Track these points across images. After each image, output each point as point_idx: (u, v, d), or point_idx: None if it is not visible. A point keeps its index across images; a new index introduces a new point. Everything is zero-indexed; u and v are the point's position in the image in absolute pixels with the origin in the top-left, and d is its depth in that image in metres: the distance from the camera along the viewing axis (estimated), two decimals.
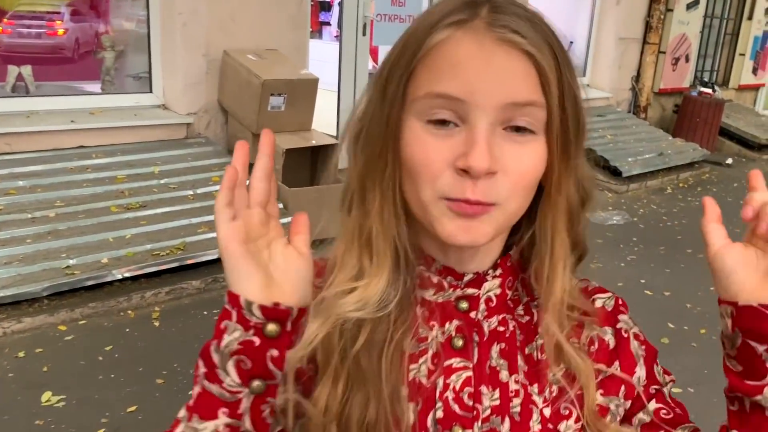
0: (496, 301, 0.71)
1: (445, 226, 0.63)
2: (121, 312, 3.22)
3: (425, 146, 0.62)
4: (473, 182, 0.61)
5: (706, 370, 3.16)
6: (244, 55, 4.34)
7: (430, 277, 0.70)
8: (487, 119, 0.61)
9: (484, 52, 0.61)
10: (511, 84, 0.61)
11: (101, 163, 3.93)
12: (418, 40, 0.63)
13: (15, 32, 4.76)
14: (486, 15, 0.62)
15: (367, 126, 0.67)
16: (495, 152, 0.61)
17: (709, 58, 9.18)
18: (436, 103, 0.62)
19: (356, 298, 0.65)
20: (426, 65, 0.62)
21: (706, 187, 6.71)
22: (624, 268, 4.37)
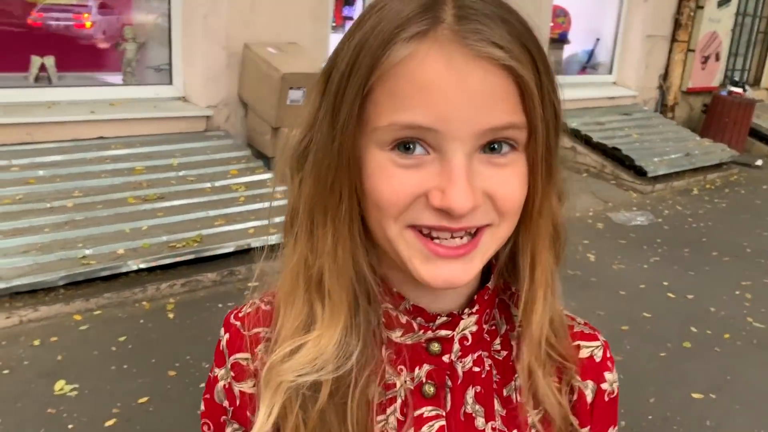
0: (472, 339, 0.63)
1: (417, 269, 0.56)
2: (136, 303, 3.22)
3: (390, 180, 0.54)
4: (455, 221, 0.54)
5: (729, 376, 3.08)
6: (264, 48, 4.33)
7: (397, 316, 0.62)
8: (463, 149, 0.53)
9: (455, 70, 0.51)
10: (489, 107, 0.52)
11: (120, 154, 3.94)
12: (374, 54, 0.53)
13: (44, 24, 4.81)
14: (450, 19, 0.52)
15: (315, 149, 0.57)
16: (476, 182, 0.53)
17: (740, 57, 8.97)
18: (402, 134, 0.53)
19: (309, 358, 0.58)
20: (386, 88, 0.53)
21: (734, 189, 6.56)
22: (646, 270, 4.28)
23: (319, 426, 0.59)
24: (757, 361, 3.25)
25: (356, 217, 0.57)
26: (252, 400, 0.63)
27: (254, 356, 0.63)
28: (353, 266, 0.59)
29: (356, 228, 0.58)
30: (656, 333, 3.42)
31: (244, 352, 0.64)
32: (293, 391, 0.59)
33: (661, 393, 2.89)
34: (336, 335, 0.58)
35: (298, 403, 0.59)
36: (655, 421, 2.70)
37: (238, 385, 0.64)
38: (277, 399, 0.59)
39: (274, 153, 4.37)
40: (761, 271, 4.40)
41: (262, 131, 4.42)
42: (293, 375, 0.58)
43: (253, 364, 0.63)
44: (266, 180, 4.13)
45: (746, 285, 4.13)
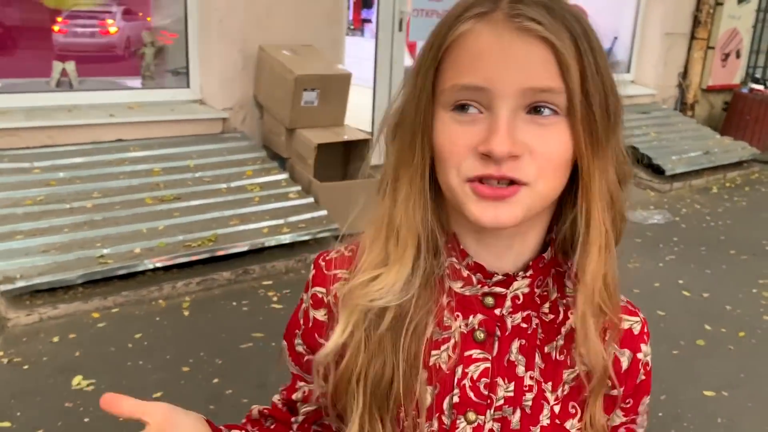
0: (523, 299, 0.73)
1: (471, 209, 0.66)
2: (152, 301, 3.29)
3: (451, 134, 0.66)
4: (497, 166, 0.63)
5: (743, 374, 3.05)
6: (278, 50, 4.39)
7: (461, 270, 0.73)
8: (508, 106, 0.63)
9: (503, 42, 0.63)
10: (529, 70, 0.63)
11: (138, 156, 4.02)
12: (443, 33, 0.66)
13: (70, 32, 4.93)
14: (505, 6, 0.64)
15: (401, 119, 0.71)
16: (518, 136, 0.63)
17: (762, 54, 8.83)
18: (461, 95, 0.65)
19: (379, 286, 0.70)
20: (450, 58, 0.66)
21: (755, 187, 6.47)
22: (662, 268, 4.25)
23: (377, 348, 0.71)
24: None
25: (426, 174, 0.70)
26: (321, 326, 0.78)
27: (329, 292, 0.77)
28: (422, 219, 0.71)
29: (426, 184, 0.70)
30: (670, 331, 3.40)
31: (322, 287, 0.78)
32: (363, 314, 0.71)
33: (673, 390, 2.88)
34: (403, 272, 0.70)
35: (365, 325, 0.71)
36: (666, 418, 2.69)
37: (313, 311, 0.78)
38: (352, 318, 0.71)
39: (289, 154, 4.43)
40: None
41: (277, 132, 4.47)
42: (366, 299, 0.71)
43: (326, 297, 0.77)
44: (281, 180, 4.19)
45: (764, 283, 4.09)
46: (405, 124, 0.70)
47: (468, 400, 0.72)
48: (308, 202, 4.03)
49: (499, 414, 0.73)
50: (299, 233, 3.76)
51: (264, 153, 4.42)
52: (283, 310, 3.30)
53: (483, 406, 0.72)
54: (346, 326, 0.71)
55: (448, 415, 0.72)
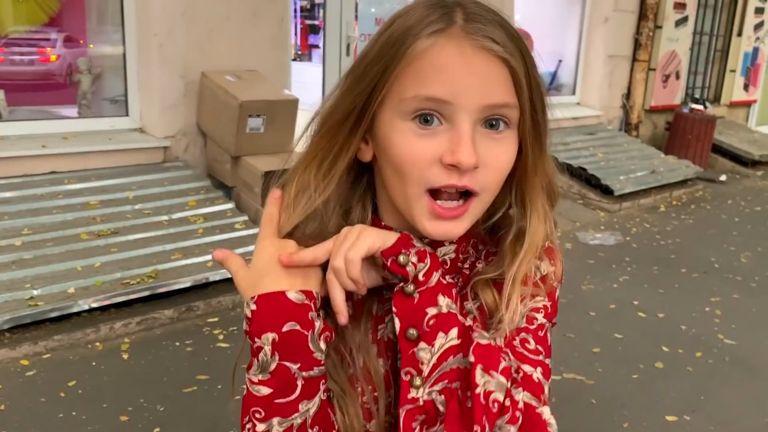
0: (450, 263, 0.79)
1: (424, 225, 0.72)
2: (89, 344, 3.07)
3: (413, 146, 0.69)
4: (459, 176, 0.68)
5: (702, 396, 3.02)
6: (222, 76, 4.25)
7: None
8: (470, 119, 0.68)
9: (465, 58, 0.67)
10: (490, 87, 0.68)
11: (73, 188, 3.80)
12: (400, 45, 0.69)
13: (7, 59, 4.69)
14: (461, 22, 0.68)
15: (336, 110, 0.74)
16: (476, 148, 0.68)
17: (699, 75, 9.13)
18: (423, 105, 0.68)
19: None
20: (412, 70, 0.68)
21: (700, 205, 6.60)
22: (617, 289, 4.24)
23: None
24: (730, 379, 3.20)
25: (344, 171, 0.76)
26: None
27: None
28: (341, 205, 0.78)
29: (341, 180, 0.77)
30: (628, 354, 3.35)
31: None
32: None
33: (635, 417, 2.82)
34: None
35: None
36: None
37: None
38: None
39: (234, 182, 4.27)
40: (729, 287, 4.39)
41: (222, 160, 4.31)
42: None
43: None
44: (227, 210, 4.02)
45: (715, 301, 4.11)
46: (336, 117, 0.74)
47: None
48: (256, 232, 3.85)
49: None
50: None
51: (208, 182, 4.25)
52: (230, 348, 3.12)
53: None
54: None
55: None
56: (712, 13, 8.92)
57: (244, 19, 4.48)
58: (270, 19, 4.63)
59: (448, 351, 0.69)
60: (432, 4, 0.70)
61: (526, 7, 7.48)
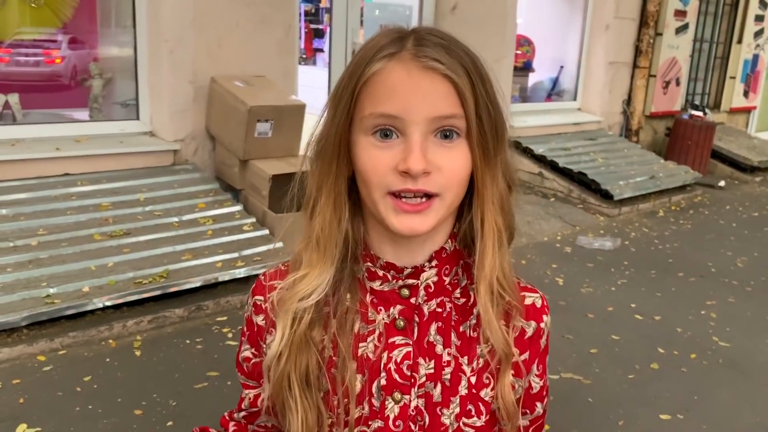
0: (434, 287, 0.85)
1: (391, 221, 0.79)
2: (102, 341, 3.18)
3: (372, 157, 0.78)
4: (413, 181, 0.76)
5: (696, 396, 3.11)
6: (230, 81, 4.35)
7: (376, 271, 0.85)
8: (420, 131, 0.76)
9: (412, 78, 0.76)
10: (435, 101, 0.76)
11: (86, 190, 3.91)
12: (360, 69, 0.78)
13: (12, 60, 4.79)
14: (411, 47, 0.77)
15: (324, 142, 0.83)
16: (429, 156, 0.76)
17: (699, 82, 9.23)
18: (378, 121, 0.77)
19: (303, 286, 0.82)
20: (368, 90, 0.78)
21: (699, 210, 6.70)
22: (614, 293, 4.33)
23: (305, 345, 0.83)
24: (723, 380, 3.29)
25: (344, 191, 0.82)
26: (261, 330, 0.90)
27: (266, 299, 0.89)
28: (341, 228, 0.83)
29: (344, 199, 0.83)
30: (624, 355, 3.45)
31: (260, 295, 0.90)
32: (294, 314, 0.82)
33: (630, 416, 2.91)
34: (324, 274, 0.82)
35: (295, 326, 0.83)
36: None
37: (255, 317, 0.91)
38: (287, 320, 0.82)
39: (242, 185, 4.37)
40: (725, 290, 4.49)
41: (230, 164, 4.42)
42: (295, 299, 0.82)
43: (264, 304, 0.89)
44: (235, 213, 4.13)
45: (711, 305, 4.21)
46: (326, 147, 0.81)
47: (394, 382, 0.83)
48: (263, 234, 3.98)
49: (422, 390, 0.84)
50: (254, 267, 3.70)
51: (217, 185, 4.35)
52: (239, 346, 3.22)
53: (407, 386, 0.83)
54: (284, 330, 0.82)
55: (377, 398, 0.83)
56: (712, 20, 9.02)
57: (252, 26, 4.59)
58: (277, 26, 4.74)
59: None
60: (391, 32, 0.79)
61: (528, 12, 7.59)
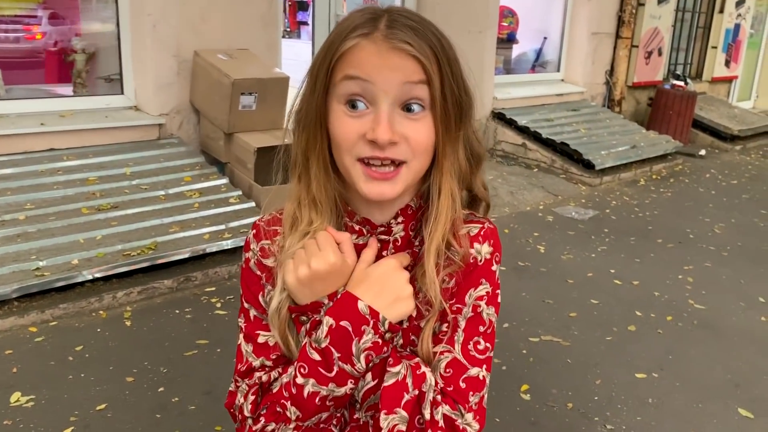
0: (401, 241, 0.95)
1: (361, 187, 0.87)
2: (93, 312, 3.24)
3: (344, 125, 0.85)
4: (381, 150, 0.84)
5: (671, 356, 3.23)
6: (214, 55, 4.36)
7: (353, 225, 0.95)
8: (388, 100, 0.83)
9: (381, 55, 0.83)
10: (403, 72, 0.84)
11: (72, 165, 3.94)
12: (334, 46, 0.85)
13: None
14: (383, 28, 0.83)
15: (305, 111, 0.89)
16: (396, 127, 0.84)
17: (681, 52, 9.30)
18: (350, 85, 0.84)
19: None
20: (341, 62, 0.85)
21: (679, 179, 6.81)
22: (594, 259, 4.44)
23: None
24: (697, 340, 3.41)
25: (328, 156, 0.89)
26: (274, 271, 0.95)
27: (273, 242, 0.96)
28: (330, 189, 0.91)
29: (329, 165, 0.90)
30: (603, 318, 3.56)
31: (267, 239, 0.97)
32: None
33: (607, 375, 3.02)
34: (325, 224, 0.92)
35: None
36: (601, 401, 2.82)
37: (264, 260, 0.97)
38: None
39: (228, 158, 4.41)
40: (702, 256, 4.60)
41: (215, 137, 4.45)
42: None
43: (272, 247, 0.96)
44: (221, 185, 4.17)
45: (688, 269, 4.33)
46: (308, 118, 0.88)
47: None
48: (249, 206, 4.03)
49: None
50: (241, 238, 3.76)
51: (202, 158, 4.39)
52: (227, 316, 3.30)
53: None
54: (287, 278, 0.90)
55: None
56: None
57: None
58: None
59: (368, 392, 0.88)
60: (365, 11, 0.86)
61: None
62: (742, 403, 2.87)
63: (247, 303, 0.98)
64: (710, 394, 2.93)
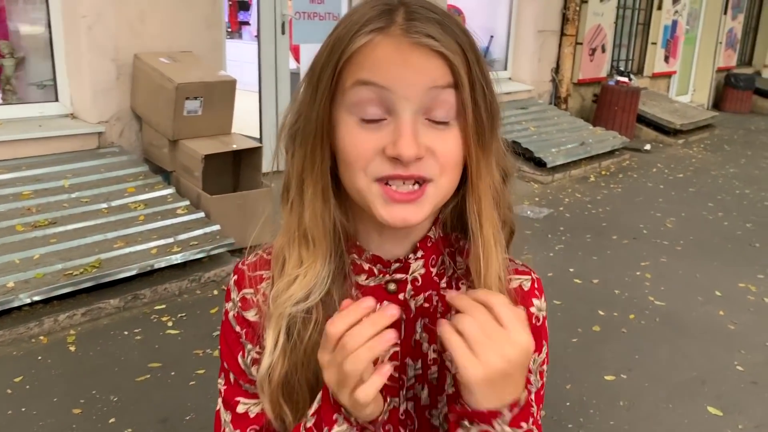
0: (422, 280, 0.78)
1: (380, 212, 0.70)
2: (32, 339, 3.00)
3: (356, 137, 0.69)
4: (404, 167, 0.68)
5: (637, 355, 3.21)
6: (155, 58, 4.14)
7: (361, 264, 0.77)
8: (411, 108, 0.68)
9: (402, 53, 0.67)
10: (428, 74, 0.68)
11: (4, 179, 3.66)
12: (343, 43, 0.69)
13: None
14: (401, 21, 0.68)
15: (302, 125, 0.73)
16: (421, 139, 0.68)
17: (624, 48, 9.46)
18: (363, 92, 0.68)
19: (299, 288, 0.73)
20: (351, 63, 0.68)
21: (627, 174, 6.90)
22: (553, 258, 4.42)
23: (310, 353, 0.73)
24: (661, 337, 3.41)
25: (328, 177, 0.73)
26: (255, 326, 0.79)
27: (257, 291, 0.79)
28: (329, 220, 0.74)
29: (329, 187, 0.73)
30: (567, 319, 3.53)
31: (250, 288, 0.80)
32: (292, 319, 0.74)
33: (577, 378, 2.98)
34: (317, 267, 0.74)
35: (296, 330, 0.74)
36: (573, 407, 2.77)
37: (244, 313, 0.80)
38: (282, 324, 0.74)
39: (173, 167, 4.19)
40: (657, 251, 4.65)
41: (159, 145, 4.23)
42: (291, 303, 0.73)
43: (255, 297, 0.79)
44: (167, 196, 3.96)
45: (645, 265, 4.35)
46: (307, 130, 0.72)
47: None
48: (199, 217, 3.83)
49: (411, 393, 0.79)
50: (191, 251, 3.57)
51: (146, 167, 4.16)
52: (180, 335, 3.11)
53: (395, 389, 0.77)
54: (276, 339, 0.74)
55: None
56: None
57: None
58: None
59: None
60: (376, 3, 0.71)
61: None
62: (710, 401, 2.87)
63: (226, 364, 0.82)
64: (679, 393, 2.92)
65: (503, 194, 0.78)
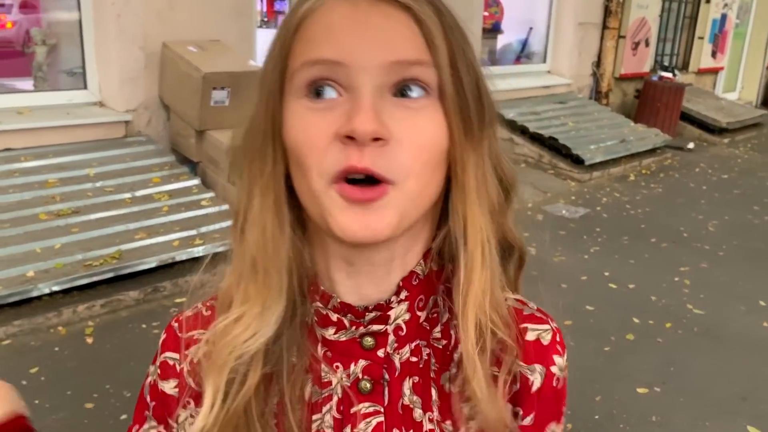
0: (407, 328, 0.61)
1: (337, 219, 0.53)
2: (51, 329, 2.98)
3: (306, 124, 0.54)
4: (359, 150, 0.52)
5: (672, 367, 3.05)
6: (184, 47, 4.09)
7: (328, 315, 0.60)
8: (372, 81, 0.53)
9: (358, 13, 0.53)
10: (393, 42, 0.53)
11: (30, 166, 3.65)
12: (290, 22, 0.56)
13: None
14: None
15: (249, 127, 0.58)
16: (384, 119, 0.52)
17: (668, 42, 9.15)
18: (313, 71, 0.54)
19: (245, 325, 0.57)
20: (299, 39, 0.55)
21: (669, 173, 6.65)
22: (587, 261, 4.25)
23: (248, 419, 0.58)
24: (699, 349, 3.24)
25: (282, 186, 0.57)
26: (170, 402, 0.63)
27: (183, 358, 0.63)
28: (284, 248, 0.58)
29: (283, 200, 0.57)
30: (599, 326, 3.37)
31: (174, 352, 0.64)
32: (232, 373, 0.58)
33: (607, 390, 2.84)
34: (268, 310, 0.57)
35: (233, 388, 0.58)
36: (602, 421, 2.63)
37: (161, 383, 0.64)
38: (221, 382, 0.58)
39: (199, 157, 4.15)
40: (697, 256, 4.44)
41: (185, 135, 4.18)
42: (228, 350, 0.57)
43: (180, 364, 0.63)
44: (192, 187, 3.91)
45: (684, 271, 4.15)
46: (255, 130, 0.57)
47: None
48: (223, 209, 3.77)
49: None
50: (214, 244, 3.50)
51: (172, 157, 4.12)
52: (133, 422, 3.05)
53: None
54: (215, 395, 0.58)
55: None
56: None
57: None
58: None
59: None
60: None
61: None
62: (751, 420, 2.70)
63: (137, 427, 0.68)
64: (716, 410, 2.75)
65: (503, 208, 0.62)
